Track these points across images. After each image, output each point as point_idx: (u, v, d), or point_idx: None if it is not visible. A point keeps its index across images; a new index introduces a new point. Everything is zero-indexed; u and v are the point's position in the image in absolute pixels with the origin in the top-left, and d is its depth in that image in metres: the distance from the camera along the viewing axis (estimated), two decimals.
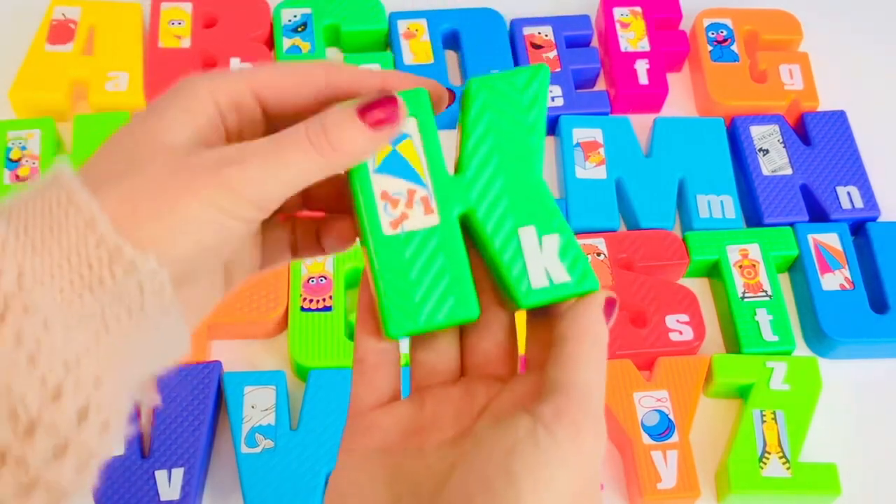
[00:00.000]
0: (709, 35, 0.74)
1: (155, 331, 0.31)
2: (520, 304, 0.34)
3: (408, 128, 0.34)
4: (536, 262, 0.34)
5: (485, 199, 0.35)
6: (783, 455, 0.57)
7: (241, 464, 0.55)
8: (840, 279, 0.64)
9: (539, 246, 0.35)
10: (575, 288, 0.34)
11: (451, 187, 0.34)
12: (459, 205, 0.34)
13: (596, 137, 0.69)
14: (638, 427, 0.57)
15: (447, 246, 0.34)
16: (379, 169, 0.34)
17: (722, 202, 0.67)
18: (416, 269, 0.34)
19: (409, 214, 0.34)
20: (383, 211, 0.34)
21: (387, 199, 0.34)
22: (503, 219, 0.35)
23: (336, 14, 0.73)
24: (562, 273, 0.34)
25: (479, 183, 0.35)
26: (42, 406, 0.27)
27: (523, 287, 0.34)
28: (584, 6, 0.77)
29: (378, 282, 0.34)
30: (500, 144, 0.35)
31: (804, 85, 0.72)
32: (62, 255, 0.28)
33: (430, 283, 0.34)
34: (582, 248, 0.35)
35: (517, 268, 0.34)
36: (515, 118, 0.35)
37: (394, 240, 0.34)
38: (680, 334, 0.61)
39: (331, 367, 0.59)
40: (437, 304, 0.34)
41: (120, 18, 0.73)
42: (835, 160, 0.69)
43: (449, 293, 0.34)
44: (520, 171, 0.35)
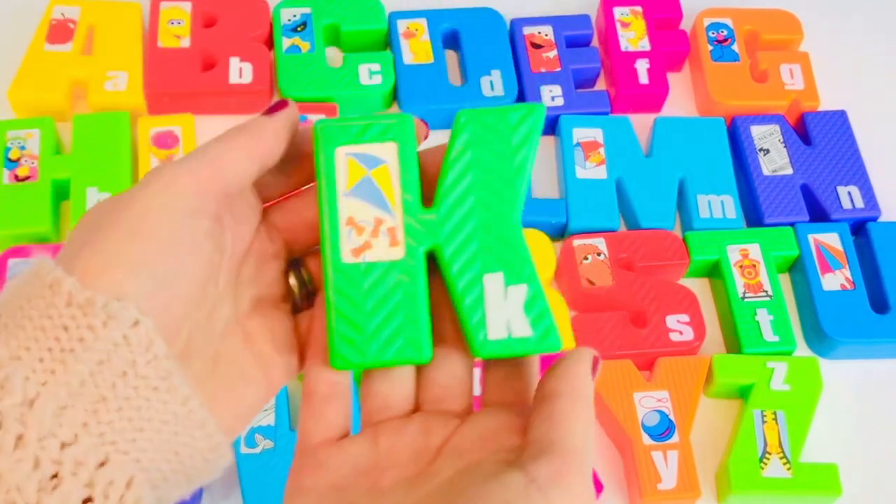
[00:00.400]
0: (709, 35, 0.74)
1: (164, 406, 0.28)
2: (475, 353, 0.33)
3: (387, 153, 0.33)
4: (498, 312, 0.32)
5: (455, 238, 0.33)
6: (784, 455, 0.57)
7: (241, 464, 0.55)
8: (841, 279, 0.64)
9: (504, 295, 0.33)
10: (535, 345, 0.32)
11: (421, 221, 0.33)
12: (427, 241, 0.33)
13: (596, 137, 0.69)
14: (638, 427, 0.57)
15: (408, 282, 0.33)
16: (350, 193, 0.33)
17: (722, 202, 0.67)
18: (371, 302, 0.33)
19: (373, 244, 0.33)
20: (346, 237, 0.33)
21: (352, 225, 0.33)
22: (470, 262, 0.33)
23: (336, 14, 0.73)
24: (524, 327, 0.32)
25: (452, 221, 0.33)
26: (41, 493, 0.25)
27: (480, 336, 0.33)
28: (584, 6, 0.77)
29: (330, 310, 0.33)
30: (481, 183, 0.33)
31: (805, 85, 0.72)
32: (34, 325, 0.27)
33: (383, 318, 0.33)
34: (549, 304, 0.33)
35: (477, 315, 0.33)
36: (501, 157, 0.33)
37: (353, 268, 0.33)
38: (680, 334, 0.61)
39: None
40: (387, 340, 0.33)
41: (119, 18, 0.72)
42: (835, 160, 0.69)
43: (401, 332, 0.33)
44: (497, 214, 0.33)
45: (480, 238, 0.33)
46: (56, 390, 0.26)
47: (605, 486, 0.57)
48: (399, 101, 0.71)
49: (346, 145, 0.33)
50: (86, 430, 0.26)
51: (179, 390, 0.28)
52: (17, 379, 0.26)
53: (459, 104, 0.69)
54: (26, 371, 0.26)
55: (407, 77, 0.71)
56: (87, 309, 0.27)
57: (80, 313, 0.27)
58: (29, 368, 0.26)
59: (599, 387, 0.59)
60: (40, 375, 0.26)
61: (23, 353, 0.26)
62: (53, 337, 0.26)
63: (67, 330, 0.27)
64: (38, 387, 0.26)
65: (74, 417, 0.26)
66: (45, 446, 0.25)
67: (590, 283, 0.63)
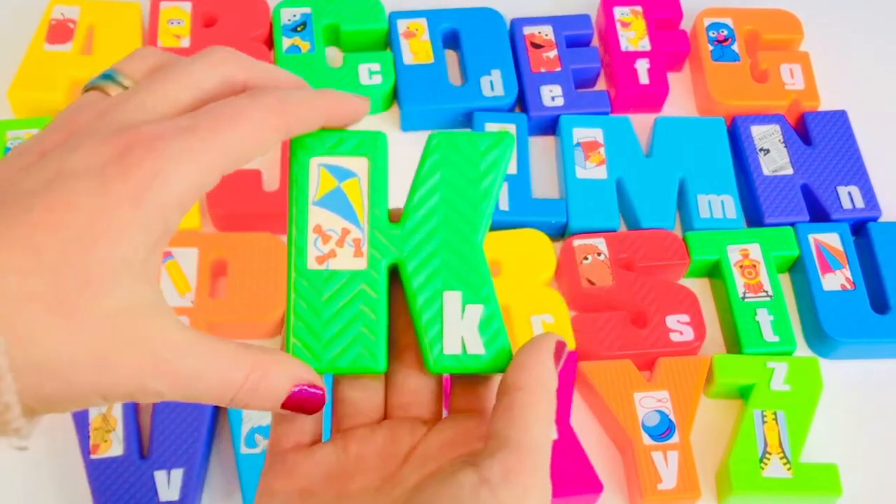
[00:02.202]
0: (709, 34, 0.74)
1: None
2: (429, 367, 0.34)
3: (358, 167, 0.34)
4: (454, 329, 0.34)
5: (418, 253, 0.34)
6: (784, 455, 0.57)
7: (241, 464, 0.55)
8: (841, 279, 0.64)
9: (461, 313, 0.34)
10: (487, 364, 0.34)
11: (387, 235, 0.34)
12: (391, 254, 0.34)
13: (596, 137, 0.69)
14: (638, 427, 0.57)
15: (369, 293, 0.34)
16: (319, 202, 0.34)
17: (722, 202, 0.67)
18: (331, 310, 0.33)
19: (338, 253, 0.34)
20: (313, 244, 0.34)
21: (319, 233, 0.34)
22: (431, 277, 0.34)
23: (336, 13, 0.73)
24: (477, 345, 0.34)
25: (416, 237, 0.34)
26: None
27: (435, 351, 0.34)
28: (584, 6, 0.77)
29: (289, 313, 0.33)
30: (447, 204, 0.34)
31: (805, 84, 0.72)
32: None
33: (342, 326, 0.33)
34: (504, 324, 0.34)
35: (434, 330, 0.34)
36: (469, 181, 0.35)
37: (316, 275, 0.34)
38: (680, 334, 0.61)
39: None
40: (344, 349, 0.33)
41: (119, 18, 0.72)
42: (836, 160, 0.69)
43: (358, 341, 0.33)
44: (460, 234, 0.34)
45: (443, 256, 0.34)
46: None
47: (605, 486, 0.57)
48: (399, 101, 0.71)
49: (320, 156, 0.34)
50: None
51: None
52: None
53: (459, 104, 0.69)
54: None
55: (407, 77, 0.70)
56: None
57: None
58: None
59: (600, 387, 0.59)
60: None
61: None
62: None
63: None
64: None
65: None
66: None
67: (590, 283, 0.63)
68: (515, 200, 0.65)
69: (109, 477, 0.55)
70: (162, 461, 0.55)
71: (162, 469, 0.55)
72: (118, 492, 0.54)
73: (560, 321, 0.61)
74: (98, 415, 0.56)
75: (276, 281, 0.61)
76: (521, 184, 0.66)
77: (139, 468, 0.55)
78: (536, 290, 0.62)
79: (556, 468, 0.56)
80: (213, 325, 0.60)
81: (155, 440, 0.56)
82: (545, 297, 0.62)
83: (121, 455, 0.55)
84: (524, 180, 0.66)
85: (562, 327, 0.61)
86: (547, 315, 0.61)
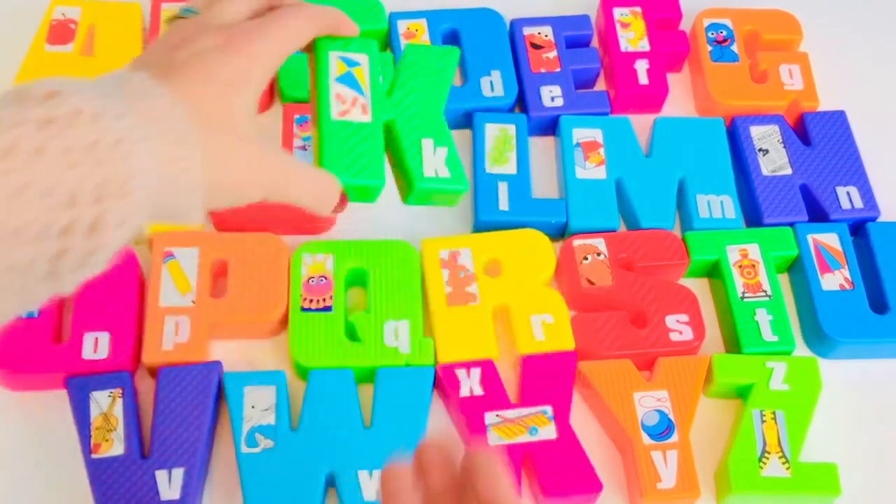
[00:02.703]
0: (709, 35, 0.74)
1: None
2: (414, 184, 0.51)
3: (361, 59, 0.51)
4: (430, 162, 0.51)
5: (403, 114, 0.52)
6: (783, 455, 0.57)
7: (241, 464, 0.55)
8: (840, 279, 0.64)
9: (433, 152, 0.52)
10: (450, 182, 0.51)
11: (383, 102, 0.51)
12: (386, 114, 0.51)
13: (596, 137, 0.69)
14: (638, 427, 0.58)
15: (372, 137, 0.50)
16: (338, 79, 0.50)
17: (722, 202, 0.67)
18: (347, 146, 0.49)
19: (351, 111, 0.50)
20: (335, 103, 0.50)
21: (338, 98, 0.50)
22: (412, 130, 0.52)
23: None
24: (444, 172, 0.51)
25: (402, 105, 0.52)
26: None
27: (419, 174, 0.51)
28: (584, 6, 0.77)
29: (321, 148, 0.49)
30: (419, 86, 0.53)
31: (804, 85, 0.72)
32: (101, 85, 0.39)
33: (355, 156, 0.49)
34: (459, 157, 0.52)
35: (416, 162, 0.51)
36: (431, 73, 0.54)
37: (337, 124, 0.50)
38: (680, 334, 0.61)
39: (331, 367, 0.59)
40: (357, 170, 0.49)
41: (120, 18, 0.73)
42: (834, 160, 0.69)
43: (366, 165, 0.49)
44: (429, 104, 0.53)
45: (419, 117, 0.52)
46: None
47: (605, 486, 0.57)
48: None
49: (336, 51, 0.51)
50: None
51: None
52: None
53: (459, 104, 0.70)
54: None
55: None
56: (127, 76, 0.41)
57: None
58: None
59: (599, 386, 0.59)
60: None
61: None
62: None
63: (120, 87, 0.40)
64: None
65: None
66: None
67: (590, 282, 0.63)
68: (515, 200, 0.66)
69: (111, 476, 0.55)
70: (163, 461, 0.55)
71: (163, 468, 0.55)
72: (119, 491, 0.54)
73: (560, 321, 0.61)
74: (99, 414, 0.56)
75: (276, 281, 0.61)
76: (520, 184, 0.66)
77: (140, 467, 0.55)
78: (536, 289, 0.63)
79: (556, 468, 0.56)
80: (214, 324, 0.60)
81: (156, 440, 0.56)
82: (545, 296, 0.62)
83: (122, 454, 0.55)
84: (524, 180, 0.67)
85: (561, 327, 0.61)
86: (547, 315, 0.61)
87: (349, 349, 0.59)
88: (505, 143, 0.68)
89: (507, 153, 0.67)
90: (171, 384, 0.57)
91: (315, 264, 0.62)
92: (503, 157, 0.67)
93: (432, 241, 0.63)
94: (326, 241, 0.64)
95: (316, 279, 0.62)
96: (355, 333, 0.60)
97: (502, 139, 0.68)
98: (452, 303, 0.61)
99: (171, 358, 0.58)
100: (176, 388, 0.57)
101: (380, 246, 0.63)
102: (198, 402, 0.57)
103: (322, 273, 0.62)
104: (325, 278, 0.62)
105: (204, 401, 0.57)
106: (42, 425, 0.59)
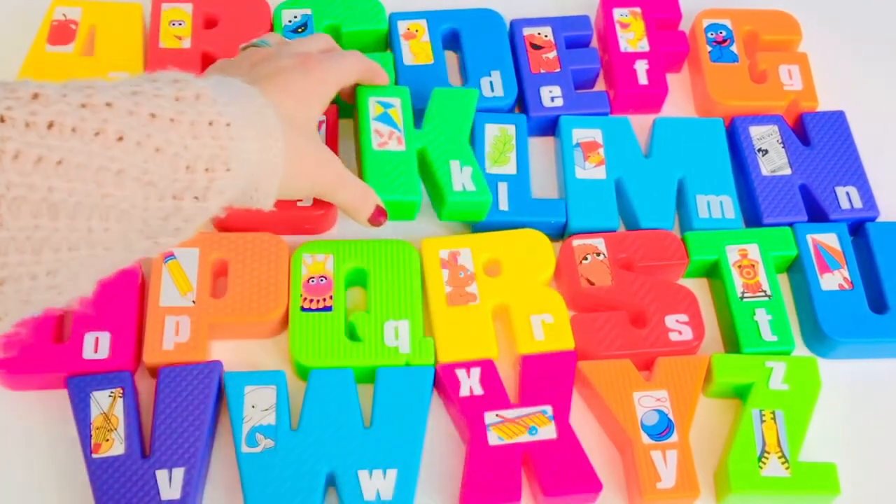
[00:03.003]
0: (708, 35, 0.74)
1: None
2: (447, 199, 0.62)
3: (395, 102, 0.63)
4: (458, 179, 0.62)
5: (433, 143, 0.63)
6: (782, 455, 0.57)
7: (242, 463, 0.56)
8: (839, 279, 0.64)
9: (461, 171, 0.62)
10: (476, 195, 0.62)
11: (415, 134, 0.63)
12: (418, 143, 0.63)
13: (595, 138, 0.69)
14: (637, 427, 0.58)
15: (407, 161, 0.61)
16: (376, 118, 0.62)
17: (721, 202, 0.67)
18: (387, 170, 0.61)
19: (389, 143, 0.62)
20: (374, 137, 0.62)
21: (377, 133, 0.62)
22: (442, 154, 0.63)
23: (336, 14, 0.73)
24: (471, 187, 0.62)
25: (432, 135, 0.63)
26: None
27: (449, 189, 0.62)
28: (584, 6, 0.77)
29: (365, 173, 0.60)
30: (445, 120, 0.64)
31: (803, 85, 0.72)
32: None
33: (394, 177, 0.60)
34: (483, 174, 0.64)
35: (446, 178, 0.62)
36: (456, 110, 0.65)
37: (378, 153, 0.61)
38: (679, 334, 0.61)
39: (331, 366, 0.59)
40: (395, 188, 0.60)
41: (121, 19, 0.73)
42: (834, 160, 0.69)
43: (403, 186, 0.60)
44: (454, 133, 0.64)
45: (447, 143, 0.63)
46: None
47: (605, 486, 0.57)
48: None
49: (374, 96, 0.63)
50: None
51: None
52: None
53: None
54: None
55: (407, 78, 0.71)
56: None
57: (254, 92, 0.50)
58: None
59: (599, 386, 0.59)
60: None
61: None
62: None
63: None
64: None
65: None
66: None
67: (589, 283, 0.63)
68: (514, 200, 0.66)
69: (111, 476, 0.55)
70: (163, 460, 0.55)
71: (163, 468, 0.55)
72: (120, 491, 0.54)
73: (559, 321, 0.61)
74: (99, 414, 0.56)
75: (276, 281, 0.61)
76: (520, 184, 0.66)
77: (141, 467, 0.55)
78: (536, 289, 0.63)
79: (556, 467, 0.56)
80: (214, 324, 0.60)
81: (156, 439, 0.56)
82: (545, 296, 0.62)
83: (122, 454, 0.55)
84: (523, 181, 0.67)
85: (561, 327, 0.61)
86: (546, 315, 0.61)
87: (349, 349, 0.59)
88: (505, 143, 0.68)
89: (507, 153, 0.68)
90: (172, 384, 0.58)
91: (315, 264, 0.62)
92: (503, 158, 0.67)
93: (432, 241, 0.64)
94: (327, 241, 0.64)
95: (316, 279, 0.62)
96: (355, 333, 0.60)
97: (502, 139, 0.68)
98: (452, 303, 0.61)
99: (171, 358, 0.58)
100: (176, 387, 0.57)
101: (380, 246, 0.63)
102: (198, 402, 0.57)
103: (322, 273, 0.62)
104: (326, 278, 0.62)
105: (204, 401, 0.57)
106: (42, 425, 0.59)
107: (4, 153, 0.35)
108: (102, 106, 0.39)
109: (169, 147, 0.41)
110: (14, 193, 0.35)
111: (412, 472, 0.56)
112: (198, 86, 0.43)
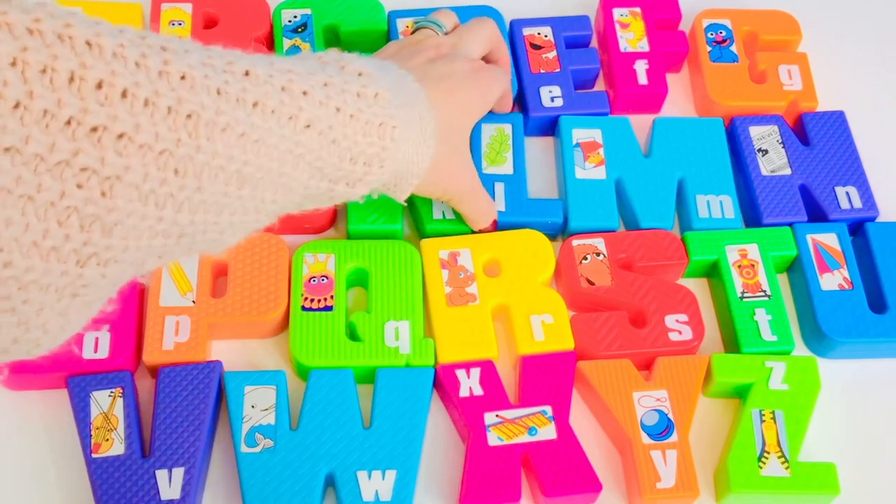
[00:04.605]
0: (708, 35, 0.74)
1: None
2: (426, 227, 0.64)
3: None
4: (437, 206, 0.64)
5: None
6: (782, 455, 0.57)
7: (241, 463, 0.56)
8: (839, 279, 0.64)
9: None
10: (456, 224, 0.64)
11: None
12: None
13: (595, 138, 0.69)
14: (637, 427, 0.58)
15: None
16: None
17: (721, 202, 0.67)
18: (369, 199, 0.58)
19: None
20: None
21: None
22: None
23: (336, 14, 0.73)
24: (450, 214, 0.64)
25: None
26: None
27: (428, 217, 0.64)
28: (584, 6, 0.77)
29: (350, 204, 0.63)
30: None
31: (803, 85, 0.72)
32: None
33: (376, 206, 0.64)
34: None
35: (427, 208, 0.64)
36: None
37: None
38: (679, 334, 0.61)
39: (331, 366, 0.59)
40: (376, 217, 0.63)
41: (120, 19, 0.73)
42: (833, 160, 0.69)
43: (384, 213, 0.64)
44: None
45: None
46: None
47: (604, 485, 0.57)
48: None
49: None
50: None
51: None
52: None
53: None
54: None
55: None
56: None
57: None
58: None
59: (599, 386, 0.59)
60: None
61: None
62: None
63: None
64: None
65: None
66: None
67: (589, 283, 0.63)
68: (512, 201, 0.66)
69: (111, 476, 0.55)
70: (163, 460, 0.55)
71: (163, 468, 0.55)
72: (120, 490, 0.54)
73: (559, 321, 0.61)
74: (99, 414, 0.56)
75: (276, 281, 0.61)
76: (517, 184, 0.66)
77: (141, 467, 0.55)
78: (535, 290, 0.63)
79: (556, 468, 0.56)
80: (214, 324, 0.60)
81: (156, 439, 0.56)
82: (544, 297, 0.62)
83: (122, 454, 0.55)
84: (520, 181, 0.67)
85: (561, 327, 0.61)
86: (546, 315, 0.61)
87: (349, 349, 0.59)
88: (501, 142, 0.68)
89: (504, 153, 0.68)
90: (172, 384, 0.58)
91: (316, 264, 0.62)
92: (500, 157, 0.67)
93: (432, 242, 0.64)
94: (328, 241, 0.64)
95: (317, 279, 0.62)
96: (356, 333, 0.60)
97: (499, 139, 0.68)
98: (452, 303, 0.61)
99: (171, 358, 0.58)
100: (176, 387, 0.57)
101: (381, 246, 0.63)
102: (198, 401, 0.57)
103: (323, 273, 0.62)
104: (326, 278, 0.62)
105: (204, 401, 0.57)
106: (42, 425, 0.59)
107: (216, 124, 0.39)
108: (300, 94, 0.44)
109: (343, 141, 0.46)
110: (217, 162, 0.39)
111: (411, 473, 0.56)
112: (377, 86, 0.48)
